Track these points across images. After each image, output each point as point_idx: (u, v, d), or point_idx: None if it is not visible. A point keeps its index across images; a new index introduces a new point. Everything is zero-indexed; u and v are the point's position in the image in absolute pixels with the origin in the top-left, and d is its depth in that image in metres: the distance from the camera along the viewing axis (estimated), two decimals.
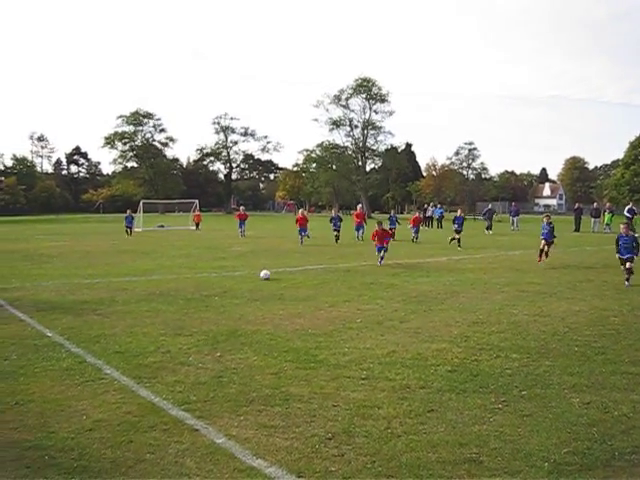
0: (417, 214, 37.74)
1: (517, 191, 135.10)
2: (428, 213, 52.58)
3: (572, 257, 22.21)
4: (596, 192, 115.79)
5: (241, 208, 41.30)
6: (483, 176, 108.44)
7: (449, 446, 5.26)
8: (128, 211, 41.74)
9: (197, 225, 48.40)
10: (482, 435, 5.51)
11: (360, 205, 39.84)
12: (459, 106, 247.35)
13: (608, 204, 49.18)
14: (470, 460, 4.98)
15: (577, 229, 41.48)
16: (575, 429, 5.65)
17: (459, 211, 30.09)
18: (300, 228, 30.40)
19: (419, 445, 5.29)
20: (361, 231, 32.53)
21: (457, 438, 5.43)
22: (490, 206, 46.43)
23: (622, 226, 16.33)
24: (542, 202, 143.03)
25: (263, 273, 16.11)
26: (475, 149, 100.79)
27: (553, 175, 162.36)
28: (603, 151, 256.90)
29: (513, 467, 4.85)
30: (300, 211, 34.16)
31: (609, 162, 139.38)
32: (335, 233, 30.95)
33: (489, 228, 41.32)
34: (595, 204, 48.24)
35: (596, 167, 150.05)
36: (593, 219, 43.63)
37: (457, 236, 27.77)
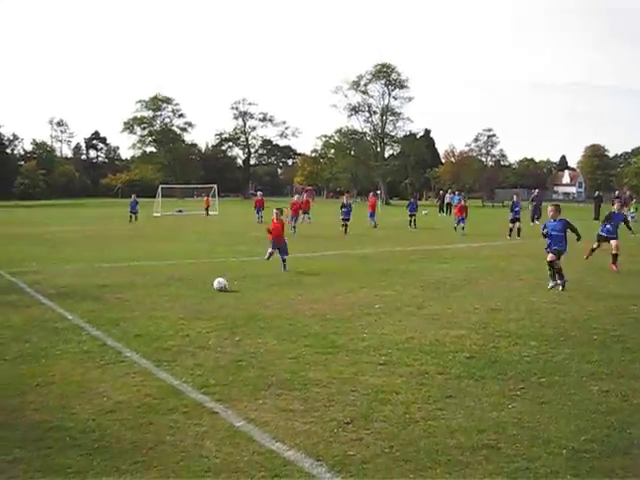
0: (462, 202, 31.05)
1: (536, 178, 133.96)
2: (446, 200, 52.28)
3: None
4: (616, 180, 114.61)
5: (258, 193, 41.05)
6: (502, 163, 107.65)
7: (467, 432, 5.26)
8: (133, 196, 39.35)
9: (206, 210, 47.55)
10: (500, 421, 5.50)
11: (372, 192, 39.78)
12: (479, 92, 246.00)
13: (628, 192, 48.60)
14: (488, 446, 4.98)
15: (597, 217, 41.03)
16: (594, 417, 5.63)
17: (515, 197, 28.04)
18: (292, 216, 28.21)
19: (437, 431, 5.30)
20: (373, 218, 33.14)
21: (475, 424, 5.43)
22: (537, 192, 40.35)
23: (550, 209, 13.09)
24: (561, 190, 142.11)
25: (217, 282, 12.49)
26: (494, 136, 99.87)
27: (573, 163, 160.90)
28: (624, 139, 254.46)
29: (531, 454, 4.85)
30: (296, 197, 33.47)
31: (630, 150, 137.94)
32: (343, 223, 28.58)
33: (537, 218, 35.88)
34: (617, 192, 47.76)
35: (616, 155, 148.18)
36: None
37: (511, 225, 26.39)
